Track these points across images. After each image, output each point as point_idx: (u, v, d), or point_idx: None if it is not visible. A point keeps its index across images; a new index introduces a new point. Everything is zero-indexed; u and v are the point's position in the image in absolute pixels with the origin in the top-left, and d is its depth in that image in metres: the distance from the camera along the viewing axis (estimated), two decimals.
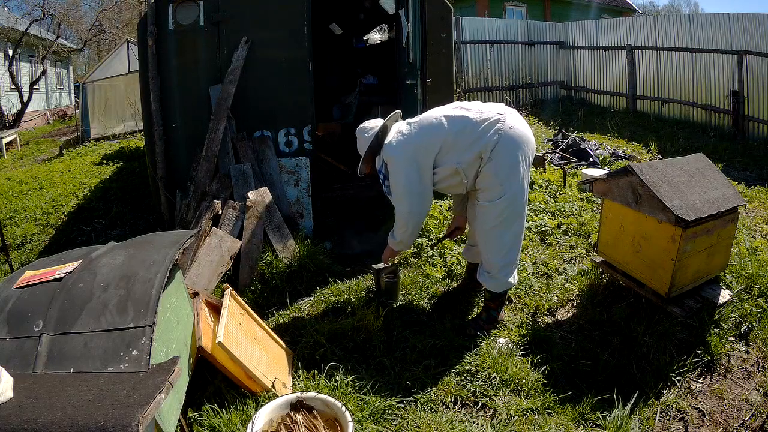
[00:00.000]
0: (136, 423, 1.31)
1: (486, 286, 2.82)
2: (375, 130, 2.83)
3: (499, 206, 2.64)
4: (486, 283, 2.81)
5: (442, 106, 2.87)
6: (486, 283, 2.80)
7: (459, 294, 3.23)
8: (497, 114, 2.62)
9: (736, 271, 3.15)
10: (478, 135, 2.58)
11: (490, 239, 2.73)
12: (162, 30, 3.94)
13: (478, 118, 2.62)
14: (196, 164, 3.95)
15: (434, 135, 2.66)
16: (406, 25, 4.21)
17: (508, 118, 2.61)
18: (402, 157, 2.67)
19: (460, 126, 2.63)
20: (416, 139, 2.69)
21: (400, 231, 2.85)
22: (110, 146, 8.90)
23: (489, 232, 2.72)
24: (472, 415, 2.25)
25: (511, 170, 2.61)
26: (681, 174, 2.81)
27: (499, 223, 2.67)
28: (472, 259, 3.17)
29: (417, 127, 2.74)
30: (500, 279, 2.76)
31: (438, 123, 2.69)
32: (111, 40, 19.59)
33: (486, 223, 2.71)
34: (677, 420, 2.24)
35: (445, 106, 2.85)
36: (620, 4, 20.03)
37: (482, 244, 2.81)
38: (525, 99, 10.99)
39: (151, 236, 2.34)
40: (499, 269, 2.74)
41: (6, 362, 1.57)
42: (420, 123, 2.76)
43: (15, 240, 4.75)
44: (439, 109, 2.84)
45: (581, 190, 5.01)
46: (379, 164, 2.82)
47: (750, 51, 7.54)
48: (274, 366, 2.41)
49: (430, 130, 2.69)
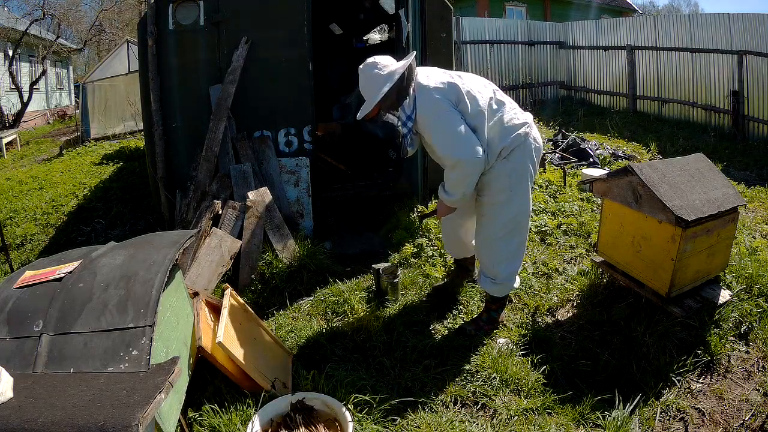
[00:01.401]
0: (136, 423, 1.31)
1: (489, 292, 2.78)
2: (397, 68, 2.45)
3: (506, 215, 2.61)
4: (489, 289, 2.77)
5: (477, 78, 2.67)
6: (489, 288, 2.77)
7: (454, 288, 3.21)
8: (526, 119, 2.63)
9: (736, 271, 3.15)
10: (507, 129, 2.54)
11: (495, 248, 2.68)
12: (162, 30, 3.94)
13: (515, 112, 2.60)
14: (196, 164, 3.95)
15: (479, 99, 2.50)
16: (406, 25, 4.21)
17: (534, 128, 2.63)
18: (447, 102, 2.43)
19: (500, 109, 2.56)
20: (466, 88, 2.48)
21: (455, 184, 2.51)
22: (110, 146, 8.90)
23: (495, 241, 2.67)
24: (472, 415, 2.25)
25: (523, 177, 2.59)
26: (681, 174, 2.81)
27: (507, 232, 2.64)
28: (459, 255, 3.15)
29: (464, 79, 2.53)
30: (504, 285, 2.75)
31: (486, 91, 2.55)
32: (111, 40, 19.59)
33: (493, 232, 2.66)
34: (677, 420, 2.24)
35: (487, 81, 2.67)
36: (620, 4, 20.03)
37: (486, 252, 2.74)
38: (525, 99, 10.99)
39: (151, 236, 2.34)
40: (504, 277, 2.72)
41: (6, 362, 1.57)
42: (465, 77, 2.56)
43: (15, 240, 4.75)
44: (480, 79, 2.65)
45: (581, 190, 5.01)
46: (409, 109, 2.48)
47: (750, 51, 7.53)
48: (274, 366, 2.41)
49: (479, 89, 2.52)
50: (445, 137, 2.44)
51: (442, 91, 2.46)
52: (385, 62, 2.49)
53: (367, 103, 2.48)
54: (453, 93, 2.46)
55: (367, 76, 2.49)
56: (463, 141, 2.40)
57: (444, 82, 2.49)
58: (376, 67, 2.47)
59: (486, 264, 2.76)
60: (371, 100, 2.46)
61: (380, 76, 2.44)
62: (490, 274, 2.74)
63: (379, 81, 2.43)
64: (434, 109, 2.44)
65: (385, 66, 2.47)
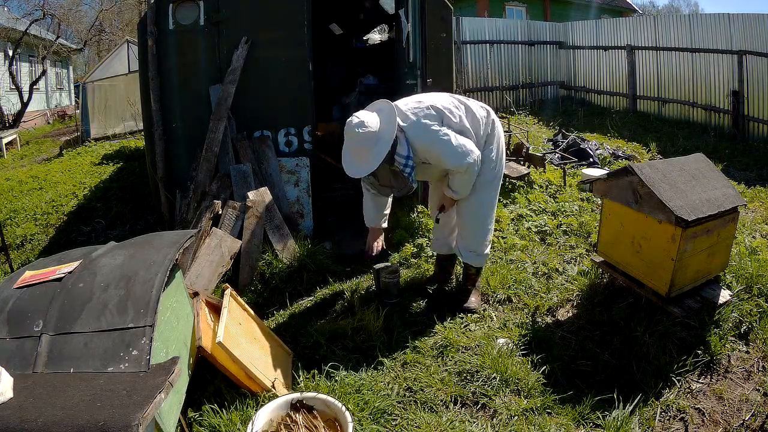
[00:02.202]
0: (136, 423, 1.31)
1: (473, 264, 3.08)
2: (385, 132, 2.56)
3: (492, 191, 2.97)
4: (472, 262, 3.06)
5: (439, 94, 2.96)
6: (472, 261, 3.06)
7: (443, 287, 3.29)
8: (488, 109, 2.97)
9: (736, 271, 3.15)
10: (480, 120, 2.86)
11: (481, 223, 2.99)
12: (162, 30, 3.94)
13: (478, 105, 2.92)
14: (196, 164, 3.95)
15: (452, 109, 2.75)
16: (406, 25, 4.21)
17: (494, 113, 2.97)
18: (433, 120, 2.68)
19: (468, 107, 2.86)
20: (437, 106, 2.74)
21: (466, 184, 2.81)
22: (110, 146, 8.91)
23: (482, 217, 2.98)
24: (472, 415, 2.24)
25: (500, 157, 2.96)
26: (681, 174, 2.81)
27: (490, 207, 3.00)
28: (447, 250, 3.28)
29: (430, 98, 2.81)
30: (485, 255, 3.09)
31: (448, 99, 2.84)
32: (111, 40, 19.60)
33: (481, 208, 2.96)
34: (677, 420, 2.24)
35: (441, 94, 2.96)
36: (620, 4, 20.03)
37: (472, 228, 3.00)
38: (525, 99, 10.99)
39: (151, 236, 2.34)
40: (484, 248, 3.05)
41: (6, 362, 1.57)
42: (428, 97, 2.83)
43: (15, 240, 4.75)
44: (438, 94, 2.93)
45: (581, 190, 5.02)
46: (405, 150, 2.59)
47: (750, 51, 7.53)
48: (274, 366, 2.41)
49: (443, 102, 2.78)
50: (449, 150, 2.64)
51: (425, 115, 2.68)
52: (369, 121, 2.57)
53: (366, 168, 2.59)
54: (432, 113, 2.70)
55: (358, 141, 2.57)
56: (464, 147, 2.66)
57: (419, 108, 2.71)
58: (365, 137, 2.54)
59: (471, 240, 3.03)
60: (369, 167, 2.57)
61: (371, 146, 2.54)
62: (476, 249, 3.03)
63: (373, 152, 2.55)
64: (427, 133, 2.64)
65: (370, 127, 2.55)
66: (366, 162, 2.58)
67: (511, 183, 4.91)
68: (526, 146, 5.68)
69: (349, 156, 2.65)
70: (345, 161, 2.68)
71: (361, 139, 2.55)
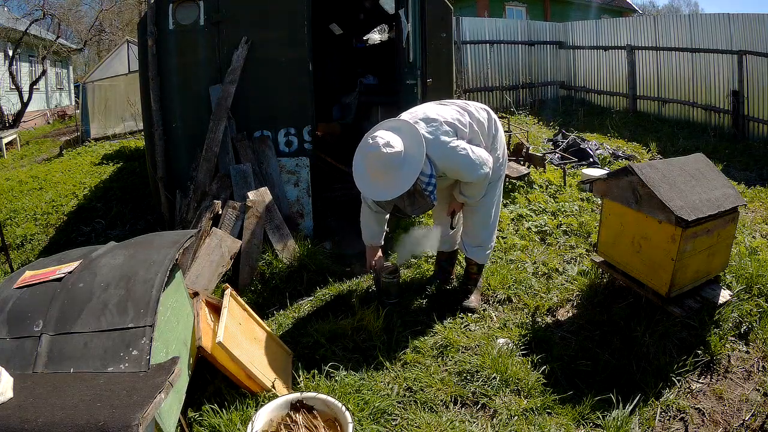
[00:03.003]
0: (136, 423, 1.31)
1: (478, 260, 3.13)
2: (415, 149, 2.51)
3: (498, 189, 3.04)
4: (478, 258, 3.12)
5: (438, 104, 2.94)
6: (478, 257, 3.11)
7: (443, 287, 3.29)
8: (487, 110, 2.99)
9: (736, 271, 3.15)
10: (484, 123, 2.89)
11: (489, 220, 3.04)
12: (162, 30, 3.94)
13: (479, 107, 2.96)
14: (196, 164, 3.95)
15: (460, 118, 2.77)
16: (406, 25, 4.21)
17: (491, 112, 2.98)
18: (455, 140, 2.65)
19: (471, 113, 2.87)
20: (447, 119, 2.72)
21: (479, 190, 2.85)
22: (110, 146, 8.91)
23: (490, 215, 3.03)
24: (472, 415, 2.24)
25: (504, 152, 3.03)
26: (681, 174, 2.81)
27: (497, 205, 3.07)
28: (449, 248, 3.30)
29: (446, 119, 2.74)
30: (490, 251, 3.17)
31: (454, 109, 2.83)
32: (111, 40, 19.58)
33: (490, 206, 3.00)
34: (677, 420, 2.24)
35: (442, 104, 2.93)
36: (620, 4, 20.03)
37: (481, 225, 3.04)
38: (525, 99, 10.99)
39: (151, 236, 2.34)
40: (490, 244, 3.13)
41: (6, 362, 1.57)
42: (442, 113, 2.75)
43: (15, 240, 4.75)
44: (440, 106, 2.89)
45: (581, 190, 5.02)
46: (429, 169, 2.56)
47: (750, 51, 7.53)
48: (274, 366, 2.40)
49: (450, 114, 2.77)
50: (469, 164, 2.65)
51: (443, 132, 2.65)
52: (396, 145, 2.48)
53: (395, 191, 2.51)
54: (447, 128, 2.68)
55: (382, 162, 2.47)
56: (480, 159, 2.69)
57: (434, 126, 2.64)
58: (391, 158, 2.45)
59: (478, 236, 3.08)
60: (397, 190, 2.50)
61: (397, 168, 2.47)
62: (480, 242, 3.08)
63: (400, 174, 2.48)
64: (446, 151, 2.61)
65: (399, 154, 2.47)
66: (393, 186, 2.49)
67: (511, 183, 4.91)
68: (526, 146, 5.68)
69: (369, 178, 2.55)
70: (363, 183, 2.59)
71: (386, 160, 2.45)
